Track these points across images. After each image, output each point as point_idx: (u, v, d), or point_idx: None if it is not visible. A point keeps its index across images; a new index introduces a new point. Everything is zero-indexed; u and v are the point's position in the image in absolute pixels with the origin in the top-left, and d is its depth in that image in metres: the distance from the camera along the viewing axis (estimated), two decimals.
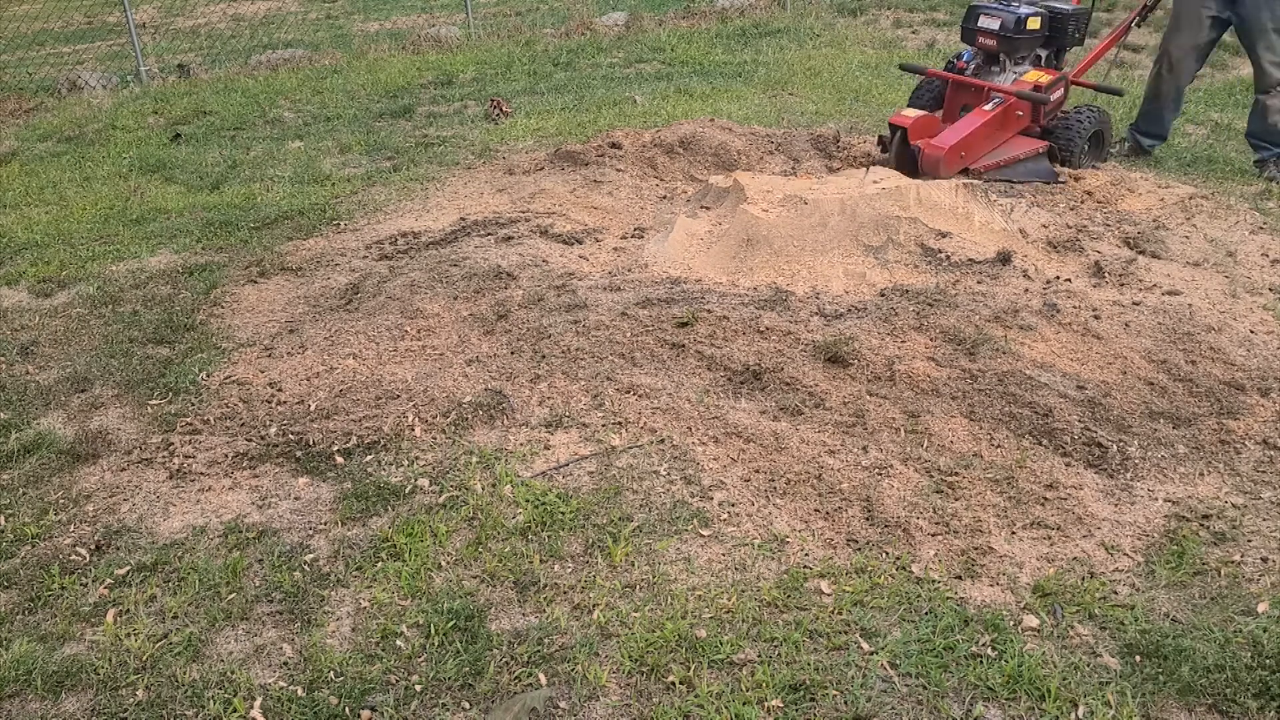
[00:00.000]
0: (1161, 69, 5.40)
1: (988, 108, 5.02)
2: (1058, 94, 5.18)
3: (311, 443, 3.08)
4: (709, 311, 3.62)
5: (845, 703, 2.14)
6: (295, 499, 2.88)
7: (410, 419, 3.15)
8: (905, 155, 4.99)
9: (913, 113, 5.04)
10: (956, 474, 2.82)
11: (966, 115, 5.07)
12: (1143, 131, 5.53)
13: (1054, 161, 5.14)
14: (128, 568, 2.63)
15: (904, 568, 2.51)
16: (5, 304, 4.28)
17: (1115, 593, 2.42)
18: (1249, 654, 2.21)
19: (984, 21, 5.18)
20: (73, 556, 2.68)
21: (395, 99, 7.42)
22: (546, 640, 2.33)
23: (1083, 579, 2.46)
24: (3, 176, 6.01)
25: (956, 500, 2.73)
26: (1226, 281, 3.98)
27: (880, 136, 5.23)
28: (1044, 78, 5.08)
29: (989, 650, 2.26)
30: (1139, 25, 5.57)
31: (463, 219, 4.79)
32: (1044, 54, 5.34)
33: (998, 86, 5.10)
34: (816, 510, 2.72)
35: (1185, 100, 5.49)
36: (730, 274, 4.02)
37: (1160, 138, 5.52)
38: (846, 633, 2.32)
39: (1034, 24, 5.11)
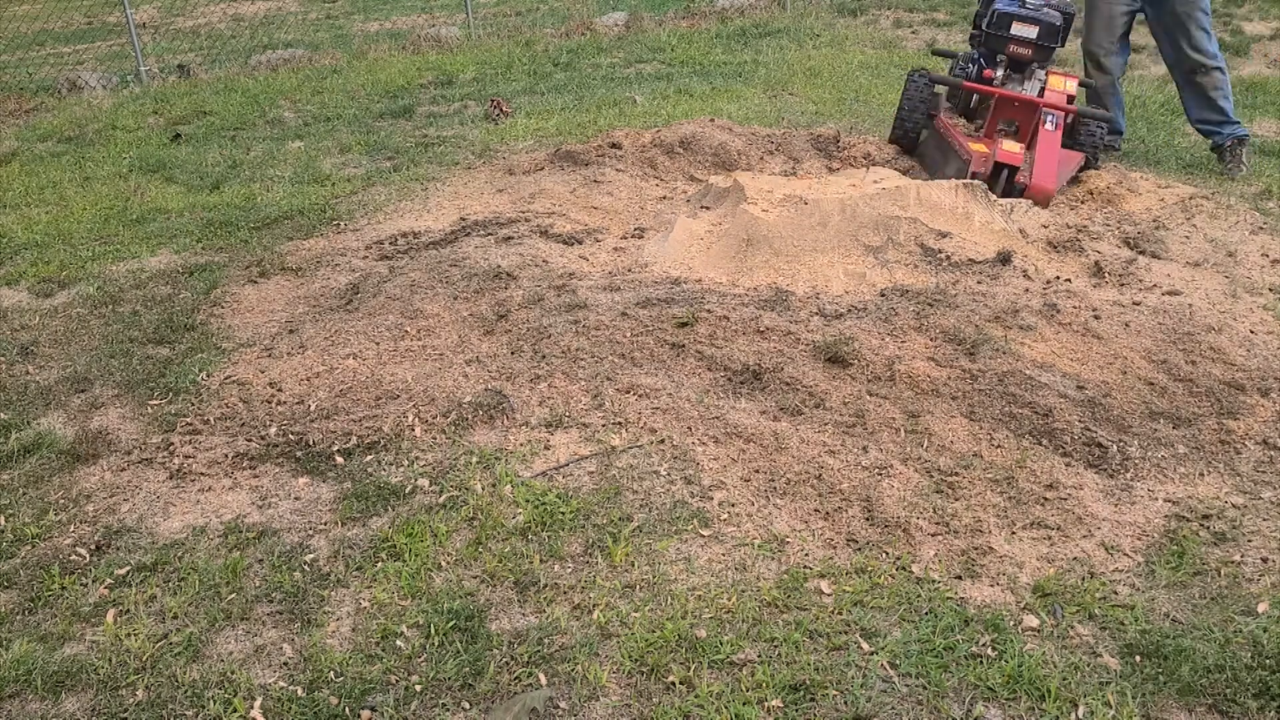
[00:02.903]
0: (1088, 70, 5.42)
1: (1050, 129, 4.74)
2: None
3: (311, 443, 3.08)
4: (709, 311, 3.62)
5: (845, 703, 2.14)
6: (295, 499, 2.88)
7: (410, 419, 3.15)
8: (1009, 193, 4.61)
9: (1015, 147, 4.66)
10: (956, 474, 2.82)
11: (1043, 142, 4.74)
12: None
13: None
14: (128, 568, 2.63)
15: (904, 568, 2.51)
16: (5, 304, 4.29)
17: (1115, 593, 2.42)
18: (1249, 654, 2.21)
19: (1018, 29, 4.88)
20: (73, 556, 2.69)
21: (395, 99, 7.42)
22: (546, 640, 2.33)
23: (1083, 579, 2.46)
24: (3, 176, 6.02)
25: (956, 500, 2.73)
26: (1226, 281, 3.98)
27: (974, 173, 4.61)
28: (1070, 85, 4.90)
29: (989, 650, 2.26)
30: None
31: (463, 219, 4.79)
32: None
33: (1049, 104, 4.81)
34: (816, 510, 2.72)
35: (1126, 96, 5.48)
36: (730, 274, 4.02)
37: (1118, 133, 5.50)
38: (846, 633, 2.32)
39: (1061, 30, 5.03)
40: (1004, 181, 4.61)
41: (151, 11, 12.03)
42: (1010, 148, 4.64)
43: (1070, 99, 4.90)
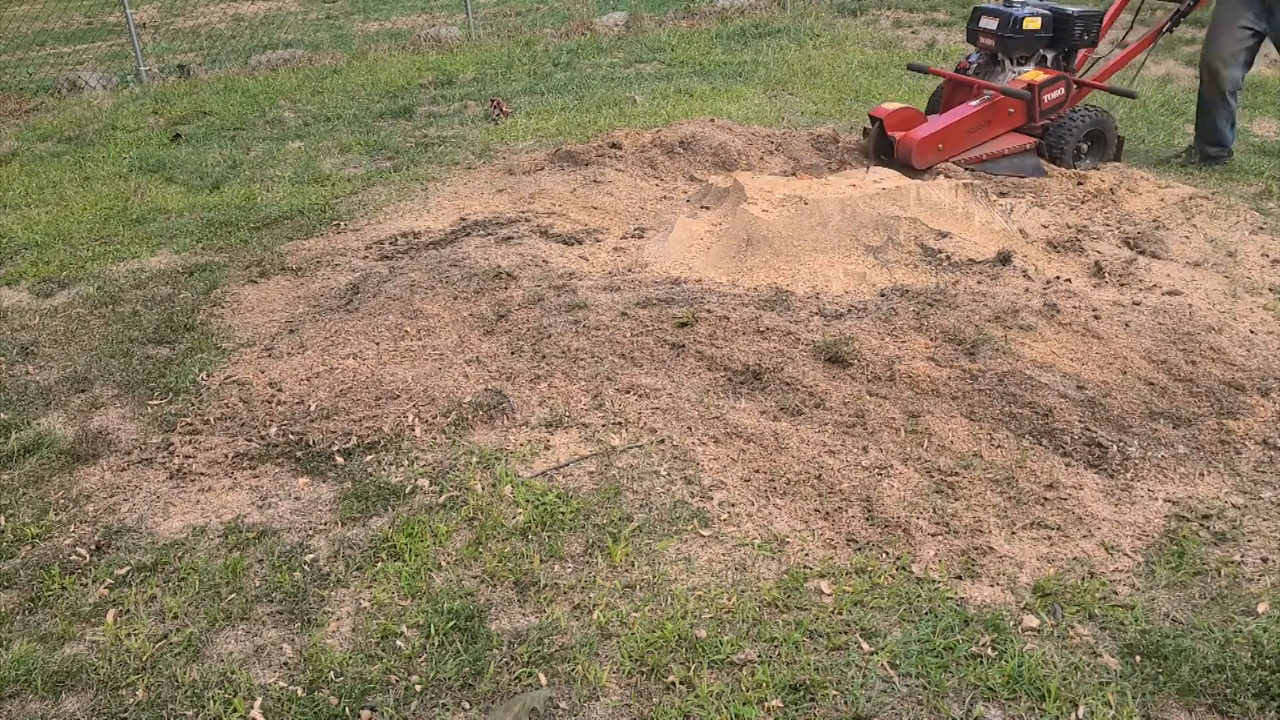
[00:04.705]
0: (1203, 81, 5.34)
1: (974, 104, 5.16)
2: (1055, 94, 5.19)
3: (311, 443, 3.08)
4: (709, 311, 3.62)
5: (845, 703, 2.14)
6: (295, 499, 2.88)
7: (410, 419, 3.15)
8: (883, 145, 5.18)
9: (891, 105, 5.22)
10: (956, 474, 2.82)
11: (952, 111, 5.20)
12: (1207, 142, 5.40)
13: (1042, 158, 5.19)
14: (128, 568, 2.63)
15: (904, 568, 2.51)
16: (5, 304, 4.29)
17: (1115, 593, 2.42)
18: (1249, 654, 2.21)
19: (984, 22, 5.30)
20: (73, 556, 2.68)
21: (395, 99, 7.42)
22: (546, 640, 2.33)
23: (1083, 579, 2.46)
24: (3, 176, 6.02)
25: (956, 500, 2.73)
26: (1226, 281, 3.98)
27: (865, 128, 5.44)
28: (1040, 77, 5.16)
29: (989, 650, 2.26)
30: (1170, 31, 5.55)
31: (463, 219, 4.79)
32: (1050, 55, 5.36)
33: (986, 84, 5.21)
34: (816, 510, 2.71)
35: (1239, 104, 5.41)
36: (730, 274, 4.02)
37: (1223, 146, 5.37)
38: (846, 633, 2.32)
39: (1032, 24, 5.16)
40: (875, 134, 5.23)
41: (151, 11, 12.03)
42: (886, 105, 5.27)
43: (1029, 87, 5.13)
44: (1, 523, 2.85)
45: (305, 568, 2.60)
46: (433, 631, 2.37)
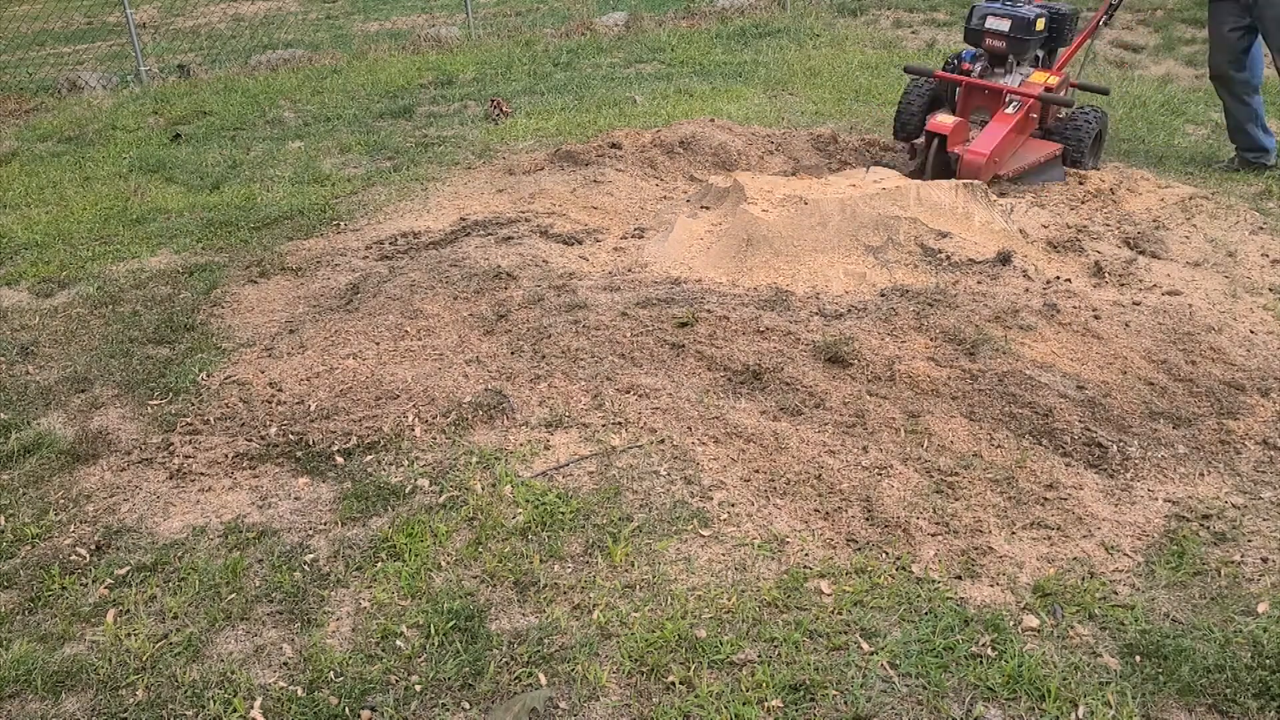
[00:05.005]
0: (1217, 91, 5.36)
1: (1009, 111, 4.94)
2: (1062, 94, 5.19)
3: (311, 443, 3.08)
4: (709, 311, 3.62)
5: (845, 703, 2.14)
6: (295, 499, 2.88)
7: (410, 419, 3.15)
8: (940, 162, 4.89)
9: (949, 119, 4.92)
10: (956, 474, 2.82)
11: (993, 120, 4.96)
12: (1243, 148, 5.36)
13: (1065, 163, 5.14)
14: (128, 568, 2.63)
15: (904, 568, 2.51)
16: (5, 304, 4.29)
17: (1115, 593, 2.42)
18: (1249, 654, 2.21)
19: (992, 23, 5.13)
20: (73, 556, 2.69)
21: (395, 99, 7.42)
22: (546, 640, 2.33)
23: (1083, 579, 2.46)
24: (3, 176, 6.02)
25: (956, 500, 2.73)
26: (1226, 281, 3.98)
27: (912, 145, 5.18)
28: (1052, 79, 5.07)
29: (989, 650, 2.26)
30: (1107, 24, 5.54)
31: (463, 219, 4.79)
32: (1041, 54, 5.35)
33: (1017, 90, 5.02)
34: (816, 510, 2.72)
35: (1264, 106, 5.38)
36: (730, 274, 4.02)
37: (1261, 150, 5.32)
38: (846, 633, 2.32)
39: (1041, 25, 5.10)
40: (934, 150, 4.87)
41: (151, 11, 12.03)
42: (942, 119, 4.92)
43: (1048, 91, 4.99)
44: (1, 523, 2.85)
45: (305, 568, 2.60)
46: (433, 631, 2.37)
